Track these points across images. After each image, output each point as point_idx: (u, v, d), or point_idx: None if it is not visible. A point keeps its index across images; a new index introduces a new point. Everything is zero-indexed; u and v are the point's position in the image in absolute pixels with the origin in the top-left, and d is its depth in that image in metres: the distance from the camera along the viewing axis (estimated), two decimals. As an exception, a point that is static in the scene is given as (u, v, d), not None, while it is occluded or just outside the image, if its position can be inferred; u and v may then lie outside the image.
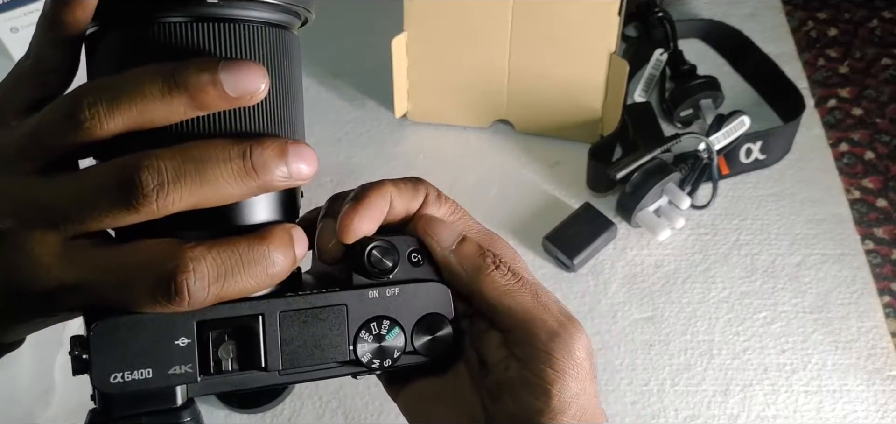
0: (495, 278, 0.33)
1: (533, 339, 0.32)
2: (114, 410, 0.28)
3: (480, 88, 0.82)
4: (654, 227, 0.75)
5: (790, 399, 0.67)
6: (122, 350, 0.27)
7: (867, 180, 1.77)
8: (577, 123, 0.82)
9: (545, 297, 0.33)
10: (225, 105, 0.27)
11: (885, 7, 2.09)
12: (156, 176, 0.26)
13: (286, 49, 0.31)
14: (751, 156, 0.80)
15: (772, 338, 0.70)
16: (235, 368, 0.29)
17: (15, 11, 0.88)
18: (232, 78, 0.27)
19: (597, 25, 0.75)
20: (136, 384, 0.27)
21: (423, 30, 0.79)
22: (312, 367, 0.31)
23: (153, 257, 0.27)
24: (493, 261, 0.33)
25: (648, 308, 0.72)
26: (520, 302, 0.32)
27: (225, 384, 0.29)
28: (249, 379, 0.30)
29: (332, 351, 0.31)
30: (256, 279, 0.28)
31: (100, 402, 0.28)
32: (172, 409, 0.28)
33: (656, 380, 0.68)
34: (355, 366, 0.31)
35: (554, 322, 0.32)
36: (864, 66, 1.97)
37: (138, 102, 0.27)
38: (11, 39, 0.90)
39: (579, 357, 0.32)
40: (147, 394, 0.28)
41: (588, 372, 0.32)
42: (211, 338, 0.29)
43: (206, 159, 0.27)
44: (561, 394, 0.31)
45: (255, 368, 0.29)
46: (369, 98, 0.89)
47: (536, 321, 0.32)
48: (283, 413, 0.66)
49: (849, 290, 0.73)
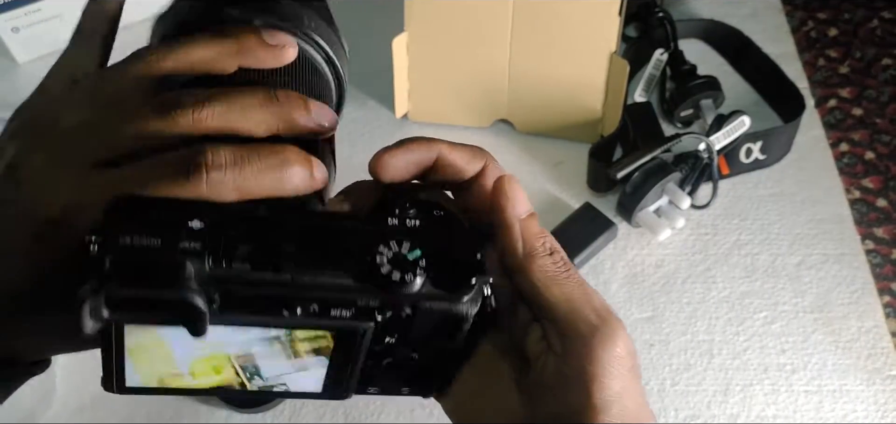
0: (547, 263, 0.32)
1: (573, 332, 0.31)
2: (119, 273, 0.26)
3: (481, 88, 0.82)
4: (654, 227, 0.75)
5: (790, 398, 0.67)
6: (134, 220, 0.27)
7: (867, 180, 1.77)
8: (578, 123, 0.82)
9: (591, 293, 0.32)
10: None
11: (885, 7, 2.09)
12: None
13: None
14: (751, 156, 0.80)
15: (772, 338, 0.70)
16: (247, 266, 0.28)
17: (15, 11, 0.88)
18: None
19: (597, 25, 0.75)
20: (142, 251, 0.26)
21: (424, 30, 0.79)
22: (327, 276, 0.28)
23: (176, 151, 0.29)
24: (548, 249, 0.32)
25: (649, 308, 0.72)
26: (566, 292, 0.32)
27: (235, 280, 0.27)
28: (260, 281, 0.28)
29: (348, 261, 0.29)
30: (273, 178, 0.29)
31: (109, 267, 0.26)
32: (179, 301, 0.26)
33: (656, 380, 0.68)
34: (373, 279, 0.29)
35: (595, 318, 0.31)
36: (865, 66, 1.98)
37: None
38: (12, 39, 0.90)
39: (620, 354, 0.31)
40: (153, 267, 0.26)
41: (631, 371, 0.31)
42: (226, 232, 0.28)
43: (238, 95, 0.30)
44: (602, 392, 0.30)
45: (268, 268, 0.28)
46: (370, 98, 0.89)
47: (579, 313, 0.31)
48: (284, 413, 0.66)
49: (849, 290, 0.73)
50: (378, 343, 0.30)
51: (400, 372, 0.33)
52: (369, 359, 0.31)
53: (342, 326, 0.29)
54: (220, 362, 0.30)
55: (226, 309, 0.27)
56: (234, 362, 0.30)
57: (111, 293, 0.26)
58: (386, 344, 0.31)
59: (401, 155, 0.32)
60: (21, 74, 0.91)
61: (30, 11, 0.88)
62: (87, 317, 0.26)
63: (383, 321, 0.29)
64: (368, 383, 0.33)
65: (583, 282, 0.32)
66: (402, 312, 0.29)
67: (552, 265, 0.32)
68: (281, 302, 0.28)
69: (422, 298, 0.29)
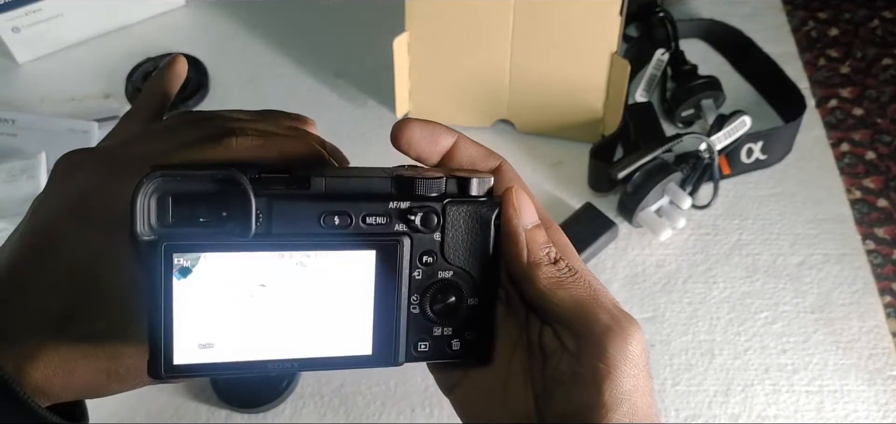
0: (552, 270, 0.32)
1: (586, 332, 0.31)
2: (168, 173, 0.29)
3: (482, 88, 0.82)
4: (655, 227, 0.75)
5: (791, 399, 0.67)
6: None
7: (868, 180, 1.77)
8: (579, 122, 0.82)
9: (602, 292, 0.32)
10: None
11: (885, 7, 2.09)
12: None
13: None
14: (752, 156, 0.80)
15: (773, 338, 0.70)
16: (282, 187, 0.30)
17: (16, 11, 0.88)
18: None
19: (598, 25, 0.75)
20: (188, 174, 0.29)
21: (425, 29, 0.79)
22: (356, 187, 0.31)
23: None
24: (554, 257, 0.33)
25: (650, 308, 0.72)
26: (574, 295, 0.32)
27: (273, 196, 0.30)
28: (296, 195, 0.30)
29: (374, 181, 0.31)
30: (291, 140, 0.33)
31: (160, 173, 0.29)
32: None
33: (657, 380, 0.68)
34: (401, 186, 0.31)
35: (608, 317, 0.31)
36: (865, 66, 1.97)
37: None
38: (12, 39, 0.90)
39: (634, 353, 0.31)
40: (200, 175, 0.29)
41: (643, 370, 0.31)
42: (260, 171, 0.30)
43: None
44: (612, 390, 0.30)
45: (302, 187, 0.30)
46: (371, 98, 0.89)
47: (590, 314, 0.31)
48: (284, 413, 0.66)
49: (850, 290, 0.73)
50: (417, 266, 0.32)
51: (446, 319, 0.33)
52: (413, 295, 0.32)
53: (379, 233, 0.31)
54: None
55: (267, 225, 0.29)
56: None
57: (163, 173, 0.28)
58: (425, 264, 0.32)
59: (424, 128, 0.33)
60: (21, 74, 0.92)
61: (30, 11, 0.88)
62: (142, 206, 0.28)
63: (417, 230, 0.32)
64: (418, 337, 0.33)
65: (591, 283, 0.33)
66: (433, 217, 0.32)
67: (557, 271, 0.32)
68: (316, 217, 0.30)
69: (448, 198, 0.32)
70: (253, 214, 0.29)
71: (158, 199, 0.29)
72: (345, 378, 0.68)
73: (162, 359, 0.29)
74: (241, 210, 0.29)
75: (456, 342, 0.34)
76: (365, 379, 0.68)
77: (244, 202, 0.29)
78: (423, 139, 0.34)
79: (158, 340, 0.29)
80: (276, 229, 0.30)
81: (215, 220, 0.29)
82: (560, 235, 0.35)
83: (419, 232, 0.32)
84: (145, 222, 0.28)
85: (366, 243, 0.31)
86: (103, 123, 0.84)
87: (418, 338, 0.33)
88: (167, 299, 0.29)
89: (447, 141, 0.34)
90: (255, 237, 0.29)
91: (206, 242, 0.29)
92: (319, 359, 0.31)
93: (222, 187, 0.29)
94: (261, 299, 0.30)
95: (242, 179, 0.29)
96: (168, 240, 0.28)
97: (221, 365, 0.30)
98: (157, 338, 0.29)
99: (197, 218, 0.29)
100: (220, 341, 0.30)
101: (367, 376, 0.68)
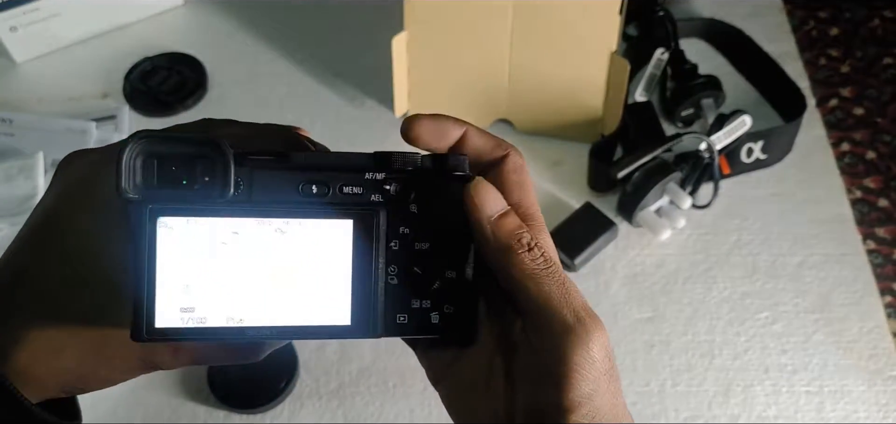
0: (525, 259, 0.32)
1: (548, 330, 0.31)
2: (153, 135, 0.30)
3: (481, 88, 0.82)
4: (655, 227, 0.75)
5: (791, 399, 0.67)
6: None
7: (869, 180, 1.77)
8: (578, 122, 0.82)
9: (572, 292, 0.32)
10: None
11: (886, 6, 2.08)
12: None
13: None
14: (752, 155, 0.80)
15: (773, 338, 0.70)
16: (264, 158, 0.32)
17: (14, 11, 0.87)
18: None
19: (598, 24, 0.75)
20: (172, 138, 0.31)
21: (424, 29, 0.79)
22: (335, 161, 0.33)
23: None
24: (528, 244, 0.32)
25: (649, 308, 0.72)
26: (543, 289, 0.32)
27: (254, 165, 0.31)
28: (276, 166, 0.32)
29: (353, 157, 0.33)
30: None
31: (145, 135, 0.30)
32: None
33: (657, 381, 0.68)
34: (377, 160, 0.33)
35: (571, 317, 0.31)
36: (866, 65, 1.97)
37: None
38: (10, 38, 0.89)
39: (594, 356, 0.31)
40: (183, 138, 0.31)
41: (604, 373, 0.31)
42: (243, 146, 0.32)
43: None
44: (570, 392, 0.30)
45: (282, 160, 0.32)
46: (369, 97, 0.88)
47: (555, 311, 0.31)
48: (283, 414, 0.66)
49: (850, 290, 0.73)
50: (394, 237, 0.33)
51: (423, 291, 0.34)
52: (390, 266, 0.33)
53: (356, 203, 0.32)
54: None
55: (248, 193, 0.31)
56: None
57: (147, 136, 0.30)
58: (401, 235, 0.33)
59: (432, 121, 0.34)
60: (19, 74, 0.91)
61: (28, 10, 0.88)
62: (128, 164, 0.29)
63: (393, 201, 0.33)
64: (397, 310, 0.33)
65: (564, 280, 0.32)
66: (410, 190, 0.33)
67: (530, 260, 0.32)
68: (295, 186, 0.31)
69: (423, 172, 0.33)
70: (231, 174, 0.30)
71: (144, 161, 0.30)
72: (343, 378, 0.68)
73: (144, 321, 0.30)
74: (221, 174, 0.30)
75: (435, 315, 0.34)
76: (364, 379, 0.68)
77: (224, 166, 0.30)
78: (432, 132, 0.34)
79: (141, 301, 0.30)
80: (257, 196, 0.31)
81: (198, 183, 0.30)
82: (546, 232, 0.35)
83: (396, 203, 0.33)
84: (130, 180, 0.30)
85: (343, 211, 0.32)
86: (101, 123, 0.84)
87: (397, 310, 0.33)
88: (151, 261, 0.30)
89: (455, 133, 0.34)
90: (235, 203, 0.31)
91: (190, 205, 0.30)
92: (298, 327, 0.32)
93: (205, 153, 0.31)
94: (240, 264, 0.31)
95: (223, 142, 0.30)
96: (152, 201, 0.30)
97: (201, 330, 0.31)
98: (140, 300, 0.30)
99: (180, 180, 0.30)
100: (199, 306, 0.31)
101: (367, 376, 0.68)
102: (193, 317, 0.31)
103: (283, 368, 0.67)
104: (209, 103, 0.89)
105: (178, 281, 0.30)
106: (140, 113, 0.87)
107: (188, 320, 0.31)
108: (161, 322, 0.30)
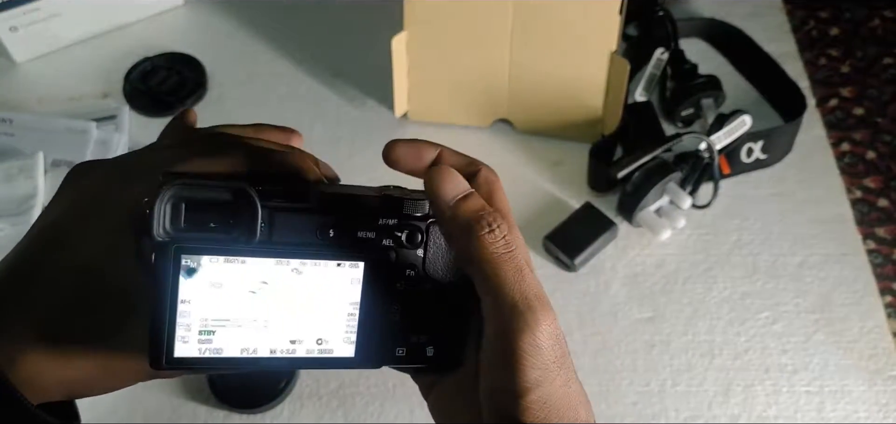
0: (485, 240, 0.32)
1: (498, 314, 0.31)
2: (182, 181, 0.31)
3: (481, 88, 0.82)
4: (655, 227, 0.75)
5: (791, 399, 0.67)
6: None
7: (869, 180, 1.77)
8: (578, 122, 0.82)
9: (528, 279, 0.32)
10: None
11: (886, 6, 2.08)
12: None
13: None
14: (752, 155, 0.80)
15: (773, 338, 0.70)
16: (281, 201, 0.33)
17: (14, 11, 0.87)
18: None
19: (598, 24, 0.75)
20: (197, 183, 0.32)
21: (424, 29, 0.79)
22: (349, 206, 0.34)
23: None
24: (490, 225, 0.32)
25: (649, 308, 0.72)
26: (498, 273, 0.32)
27: (274, 208, 0.33)
28: (294, 208, 0.33)
29: (365, 198, 0.34)
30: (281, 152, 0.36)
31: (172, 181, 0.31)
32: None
33: (657, 381, 0.68)
34: (388, 204, 0.34)
35: (522, 303, 0.31)
36: (866, 65, 1.97)
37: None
38: (10, 38, 0.89)
39: (541, 343, 0.31)
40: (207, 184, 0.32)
41: (553, 361, 0.31)
42: (262, 182, 0.33)
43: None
44: (518, 377, 0.31)
45: (299, 200, 0.33)
46: (369, 97, 0.88)
47: (505, 297, 0.31)
48: (283, 414, 0.66)
49: (850, 290, 0.73)
50: (400, 278, 0.35)
51: (422, 328, 0.36)
52: (394, 305, 0.35)
53: (369, 247, 0.34)
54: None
55: (269, 233, 0.32)
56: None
57: (176, 180, 0.31)
58: (407, 277, 0.35)
59: (409, 146, 0.36)
60: (19, 74, 0.91)
61: (28, 10, 0.88)
62: (160, 210, 0.30)
63: (403, 246, 0.35)
64: (396, 343, 0.36)
65: (522, 266, 0.32)
66: (417, 235, 0.35)
67: (490, 242, 0.32)
68: (314, 229, 0.33)
69: (431, 219, 0.35)
70: (259, 222, 0.32)
71: (173, 204, 0.31)
72: (343, 379, 0.68)
73: (163, 351, 0.31)
74: (248, 218, 0.32)
75: (430, 348, 0.36)
76: (364, 380, 0.68)
77: (252, 211, 0.32)
78: (409, 155, 0.36)
79: (162, 333, 0.31)
80: (277, 237, 0.33)
81: (224, 226, 0.32)
82: (514, 225, 0.35)
83: (404, 248, 0.35)
84: (161, 225, 0.31)
85: (356, 255, 0.34)
86: (101, 123, 0.84)
87: (397, 344, 0.36)
88: (173, 296, 0.31)
89: (431, 154, 0.36)
90: (257, 244, 0.32)
91: (212, 245, 0.31)
92: (307, 359, 0.34)
93: (232, 197, 0.32)
94: (258, 300, 0.32)
95: (251, 190, 0.32)
96: (179, 243, 0.31)
97: (217, 360, 0.32)
98: (161, 331, 0.31)
99: (207, 224, 0.32)
100: (217, 337, 0.32)
101: (366, 376, 0.68)
102: (210, 348, 0.32)
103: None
104: (209, 103, 0.89)
105: (197, 314, 0.31)
106: (140, 113, 0.87)
107: (205, 350, 0.32)
108: (180, 353, 0.31)
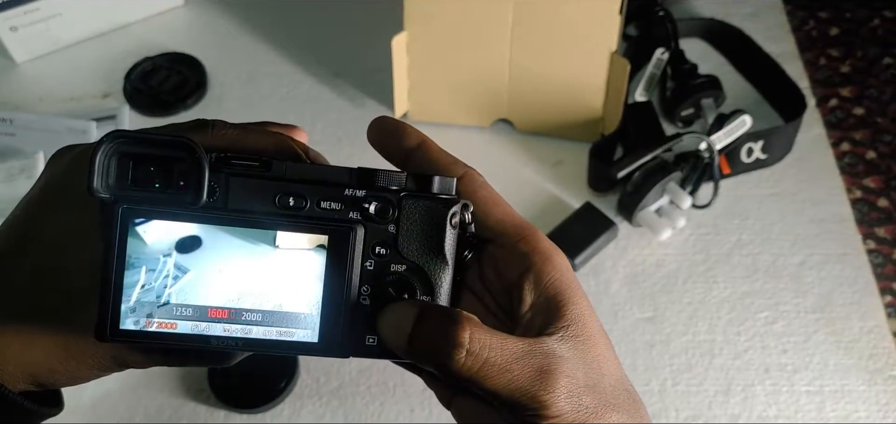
0: (457, 368, 0.30)
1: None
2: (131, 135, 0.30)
3: (481, 88, 0.82)
4: (655, 226, 0.75)
5: (792, 399, 0.67)
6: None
7: (869, 180, 1.77)
8: (578, 122, 0.82)
9: (520, 369, 0.30)
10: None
11: (886, 6, 2.08)
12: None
13: None
14: (752, 155, 0.80)
15: (773, 338, 0.70)
16: (243, 165, 0.31)
17: (14, 10, 0.87)
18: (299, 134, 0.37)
19: (598, 24, 0.75)
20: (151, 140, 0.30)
21: (424, 29, 0.79)
22: (315, 175, 0.32)
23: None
24: (448, 355, 0.30)
25: (649, 308, 0.72)
26: (488, 384, 0.30)
27: (232, 173, 0.31)
28: (255, 174, 0.31)
29: (335, 171, 0.32)
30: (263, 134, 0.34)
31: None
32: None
33: (657, 380, 0.68)
34: (359, 176, 0.32)
35: (521, 395, 0.30)
36: (866, 65, 1.97)
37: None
38: (10, 38, 0.89)
39: (562, 414, 0.30)
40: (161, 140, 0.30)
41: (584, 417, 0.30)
42: (225, 152, 0.31)
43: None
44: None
45: (262, 170, 0.31)
46: (369, 97, 0.88)
47: (506, 400, 0.30)
48: (283, 413, 0.66)
49: (850, 290, 0.73)
50: (369, 256, 0.32)
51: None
52: (364, 284, 0.32)
53: (333, 219, 0.31)
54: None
55: (224, 200, 0.30)
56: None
57: (122, 136, 0.29)
58: (378, 256, 0.32)
59: (393, 124, 0.35)
60: (19, 74, 0.91)
61: (28, 10, 0.88)
62: (101, 163, 0.29)
63: (372, 220, 0.31)
64: (368, 331, 0.32)
65: (509, 361, 0.30)
66: (389, 208, 0.32)
67: (462, 366, 0.29)
68: (272, 197, 0.30)
69: (405, 192, 0.32)
70: (206, 181, 0.29)
71: (119, 161, 0.30)
72: (343, 378, 0.68)
73: (108, 322, 0.30)
74: (196, 180, 0.30)
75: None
76: (364, 379, 0.68)
77: (199, 171, 0.29)
78: (389, 135, 0.34)
79: (107, 301, 0.30)
80: (232, 204, 0.30)
81: (172, 187, 0.30)
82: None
83: (374, 222, 0.32)
84: (103, 179, 0.29)
85: (318, 226, 0.31)
86: (102, 123, 0.84)
87: (367, 332, 0.32)
88: (119, 261, 0.30)
89: (412, 141, 0.34)
90: (208, 209, 0.30)
91: (161, 208, 0.30)
92: (264, 341, 0.31)
93: (179, 156, 0.30)
94: (209, 273, 0.30)
95: (197, 145, 0.29)
96: (125, 202, 0.29)
97: (166, 334, 0.31)
98: (106, 300, 0.30)
99: (153, 182, 0.30)
100: (166, 311, 0.30)
101: (367, 376, 0.68)
102: (157, 322, 0.30)
103: (284, 368, 0.67)
104: (209, 103, 0.89)
105: (145, 285, 0.30)
106: (140, 113, 0.87)
107: (152, 324, 0.30)
108: (126, 324, 0.30)
